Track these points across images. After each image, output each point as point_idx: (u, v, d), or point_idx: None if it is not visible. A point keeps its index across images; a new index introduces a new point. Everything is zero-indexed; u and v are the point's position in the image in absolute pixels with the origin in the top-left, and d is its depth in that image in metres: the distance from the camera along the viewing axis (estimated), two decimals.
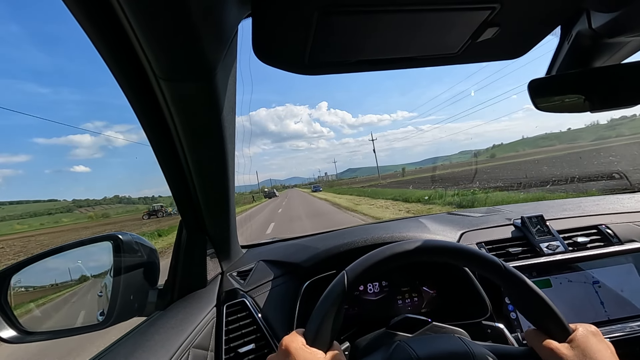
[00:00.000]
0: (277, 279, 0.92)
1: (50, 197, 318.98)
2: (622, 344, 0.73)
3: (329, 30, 0.50)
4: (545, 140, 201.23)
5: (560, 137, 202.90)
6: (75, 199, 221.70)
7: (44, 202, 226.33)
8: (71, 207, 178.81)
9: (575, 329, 0.46)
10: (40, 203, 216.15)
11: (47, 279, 0.81)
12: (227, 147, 0.68)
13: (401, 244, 0.52)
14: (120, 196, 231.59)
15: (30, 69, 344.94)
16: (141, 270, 0.77)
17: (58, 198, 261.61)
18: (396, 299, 0.90)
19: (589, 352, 0.42)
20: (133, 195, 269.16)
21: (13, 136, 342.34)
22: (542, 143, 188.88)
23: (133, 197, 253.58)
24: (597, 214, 1.02)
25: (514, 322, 0.78)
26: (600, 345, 0.44)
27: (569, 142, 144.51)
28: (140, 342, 0.61)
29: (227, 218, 0.90)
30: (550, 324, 0.47)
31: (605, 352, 0.43)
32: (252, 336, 0.76)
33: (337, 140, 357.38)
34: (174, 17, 0.39)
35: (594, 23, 0.58)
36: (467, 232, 1.00)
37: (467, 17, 0.52)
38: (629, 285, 0.82)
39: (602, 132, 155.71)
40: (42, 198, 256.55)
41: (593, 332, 0.46)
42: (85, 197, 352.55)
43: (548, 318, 0.47)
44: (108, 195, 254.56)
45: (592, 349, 0.43)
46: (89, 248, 0.78)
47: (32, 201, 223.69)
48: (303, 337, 0.45)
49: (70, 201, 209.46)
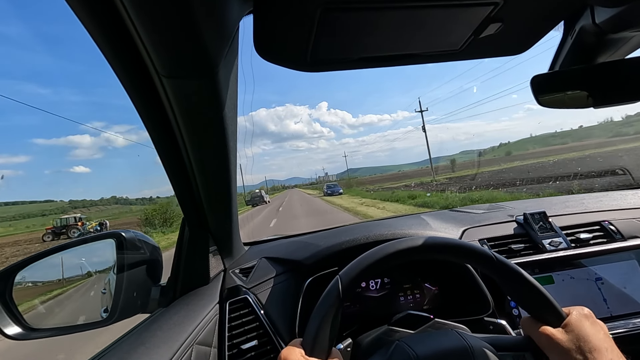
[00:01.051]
0: (279, 276, 0.92)
1: (49, 198, 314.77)
2: (625, 340, 0.72)
3: (331, 27, 0.50)
4: (556, 138, 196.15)
5: (572, 134, 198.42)
6: (72, 199, 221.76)
7: (40, 202, 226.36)
8: (66, 208, 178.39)
9: (569, 314, 0.47)
10: (36, 204, 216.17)
11: (51, 276, 0.82)
12: (229, 144, 0.68)
13: (393, 243, 0.52)
14: (118, 197, 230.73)
15: (30, 69, 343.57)
16: (144, 268, 0.77)
17: (55, 199, 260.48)
18: (398, 296, 0.90)
19: (583, 336, 0.43)
20: (131, 196, 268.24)
21: (13, 136, 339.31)
22: (552, 141, 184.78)
23: (131, 197, 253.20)
24: (600, 210, 1.02)
25: (516, 318, 0.78)
26: (593, 328, 0.45)
27: (581, 140, 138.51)
28: (143, 338, 0.61)
29: (230, 215, 0.90)
30: (544, 310, 0.48)
31: (598, 334, 0.44)
32: (254, 333, 0.77)
33: (337, 141, 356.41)
34: (175, 13, 0.39)
35: (598, 18, 0.57)
36: (469, 229, 1.00)
37: (469, 13, 0.51)
38: (632, 281, 0.82)
39: (618, 129, 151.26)
40: (38, 199, 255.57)
41: (586, 315, 0.47)
42: (83, 197, 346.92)
43: (542, 305, 0.48)
44: (105, 196, 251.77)
45: (585, 332, 0.44)
46: (92, 245, 0.79)
47: (28, 202, 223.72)
48: (301, 347, 0.45)
49: (67, 202, 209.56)
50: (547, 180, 14.90)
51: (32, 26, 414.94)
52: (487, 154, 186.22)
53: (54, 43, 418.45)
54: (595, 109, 0.64)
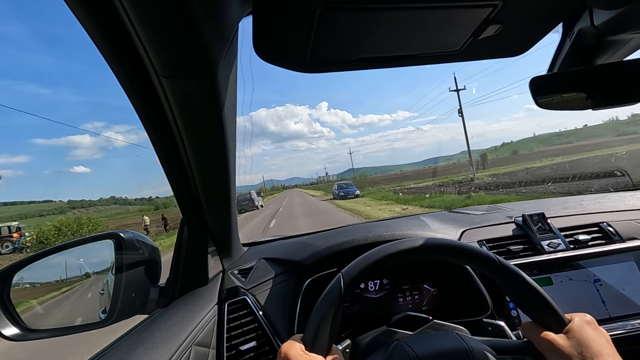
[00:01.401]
0: (278, 277, 0.92)
1: (49, 198, 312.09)
2: (623, 342, 0.73)
3: (330, 27, 0.50)
4: (561, 138, 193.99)
5: (577, 133, 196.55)
6: (71, 199, 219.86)
7: (39, 203, 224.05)
8: (64, 208, 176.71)
9: (571, 320, 0.47)
10: (35, 204, 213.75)
11: (49, 277, 0.82)
12: (228, 145, 0.68)
13: (395, 243, 0.52)
14: (117, 197, 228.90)
15: (31, 70, 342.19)
16: (142, 268, 0.77)
17: (54, 199, 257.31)
18: (397, 297, 0.90)
19: (585, 342, 0.43)
20: (130, 196, 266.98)
21: (12, 137, 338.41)
22: (556, 140, 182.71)
23: (130, 197, 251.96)
24: (599, 211, 1.02)
25: (514, 319, 0.78)
26: (595, 334, 0.44)
27: (585, 139, 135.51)
28: (142, 339, 0.61)
29: (229, 216, 0.90)
30: (546, 315, 0.47)
31: (600, 341, 0.44)
32: (253, 334, 0.77)
33: (337, 141, 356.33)
34: (175, 14, 0.38)
35: (596, 20, 0.57)
36: (468, 230, 1.00)
37: (469, 15, 0.52)
38: (630, 283, 0.82)
39: (623, 128, 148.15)
40: (37, 199, 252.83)
41: (588, 321, 0.46)
42: (82, 198, 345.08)
43: (544, 310, 0.48)
44: (104, 196, 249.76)
45: (587, 338, 0.43)
46: (90, 246, 0.79)
47: (27, 202, 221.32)
48: (302, 342, 0.45)
49: (66, 202, 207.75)
50: None
51: (32, 26, 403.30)
52: (491, 153, 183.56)
53: (53, 43, 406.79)
54: (594, 110, 0.64)
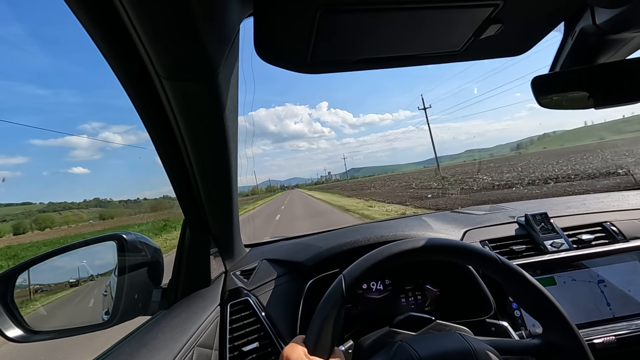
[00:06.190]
0: (280, 278, 0.92)
1: (41, 200, 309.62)
2: (627, 342, 0.72)
3: (331, 28, 0.50)
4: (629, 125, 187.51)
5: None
6: (52, 202, 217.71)
7: (17, 205, 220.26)
8: (33, 212, 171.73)
9: None
10: (12, 207, 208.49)
11: (52, 279, 0.82)
12: (229, 146, 0.68)
13: (397, 244, 0.52)
14: (101, 199, 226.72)
15: (31, 70, 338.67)
16: (145, 270, 0.77)
17: (34, 201, 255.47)
18: (399, 298, 0.90)
19: None
20: (115, 198, 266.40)
21: (12, 137, 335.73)
22: (626, 128, 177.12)
23: (114, 199, 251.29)
24: (602, 211, 1.02)
25: (518, 320, 0.78)
26: None
27: None
28: (145, 340, 0.61)
29: (230, 217, 0.90)
30: (550, 316, 0.47)
31: None
32: (255, 335, 0.77)
33: (338, 141, 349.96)
34: (176, 16, 0.39)
35: (598, 19, 0.57)
36: (471, 230, 1.00)
37: (470, 15, 0.51)
38: (634, 282, 0.82)
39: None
40: (15, 201, 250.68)
41: None
42: (79, 200, 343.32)
43: (547, 311, 0.48)
44: (88, 198, 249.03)
45: None
46: (93, 248, 0.79)
47: (3, 205, 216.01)
48: (304, 345, 0.45)
49: (46, 204, 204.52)
50: None
51: (32, 27, 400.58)
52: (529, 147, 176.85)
53: (54, 44, 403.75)
54: (596, 109, 0.64)
